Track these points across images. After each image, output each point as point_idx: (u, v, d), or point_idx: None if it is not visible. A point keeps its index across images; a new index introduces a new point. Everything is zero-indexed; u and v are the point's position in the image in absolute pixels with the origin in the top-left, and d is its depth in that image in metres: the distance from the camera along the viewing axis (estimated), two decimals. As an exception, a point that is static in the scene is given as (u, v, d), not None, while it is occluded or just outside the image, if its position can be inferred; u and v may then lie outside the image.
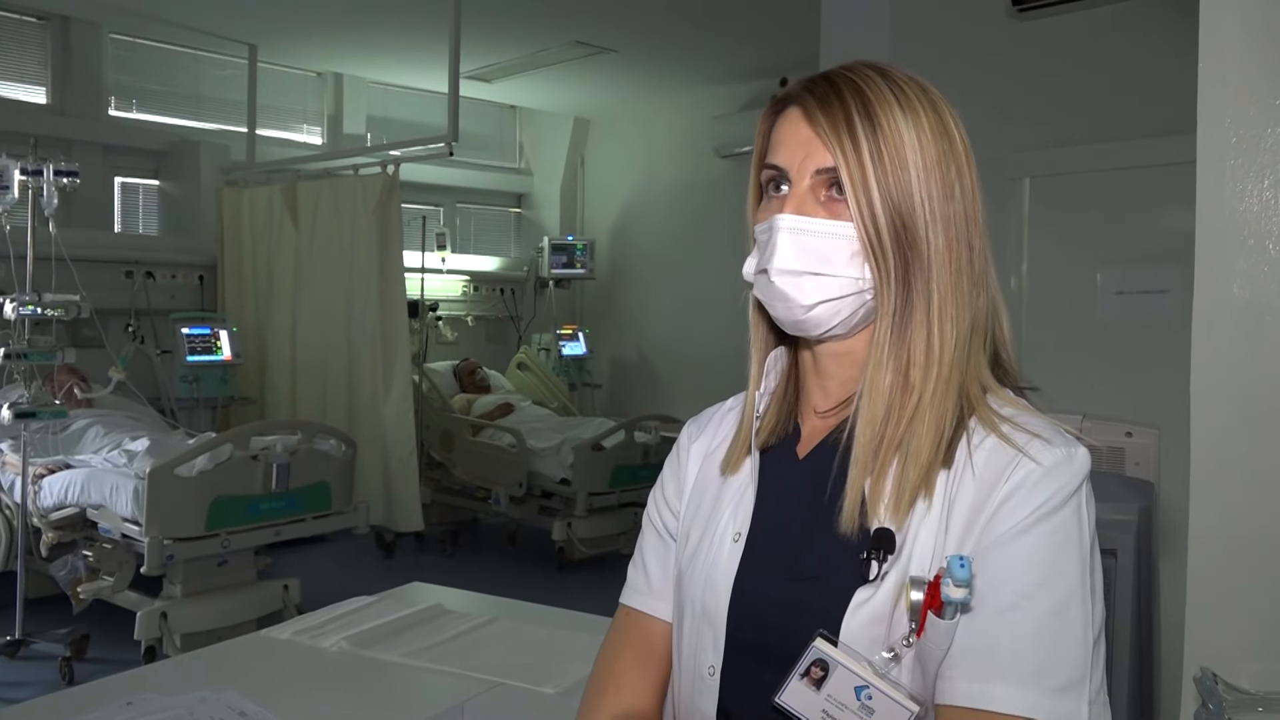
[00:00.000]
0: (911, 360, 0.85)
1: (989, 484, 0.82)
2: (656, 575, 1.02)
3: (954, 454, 0.84)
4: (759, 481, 0.95)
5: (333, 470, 4.09)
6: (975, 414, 0.86)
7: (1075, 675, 0.77)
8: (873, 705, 0.80)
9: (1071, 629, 0.78)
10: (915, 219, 0.85)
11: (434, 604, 1.92)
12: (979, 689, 0.77)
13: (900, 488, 0.84)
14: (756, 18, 5.33)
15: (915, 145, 0.86)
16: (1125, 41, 3.46)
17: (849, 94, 0.87)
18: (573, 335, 7.14)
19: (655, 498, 1.06)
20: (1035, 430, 0.84)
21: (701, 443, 1.04)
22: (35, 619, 3.85)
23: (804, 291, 0.86)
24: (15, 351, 3.69)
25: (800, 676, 0.82)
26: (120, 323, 5.30)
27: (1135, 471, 1.47)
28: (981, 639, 0.78)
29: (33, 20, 5.57)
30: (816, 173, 0.87)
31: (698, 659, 0.93)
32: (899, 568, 0.82)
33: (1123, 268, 3.42)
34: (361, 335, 5.19)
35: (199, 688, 1.47)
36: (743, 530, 0.93)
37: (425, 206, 7.13)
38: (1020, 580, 0.79)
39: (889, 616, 0.82)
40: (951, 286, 0.86)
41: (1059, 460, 0.81)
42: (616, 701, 0.99)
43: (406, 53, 6.12)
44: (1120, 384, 3.33)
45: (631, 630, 1.02)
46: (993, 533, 0.80)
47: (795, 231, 0.86)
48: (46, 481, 3.96)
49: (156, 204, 6.17)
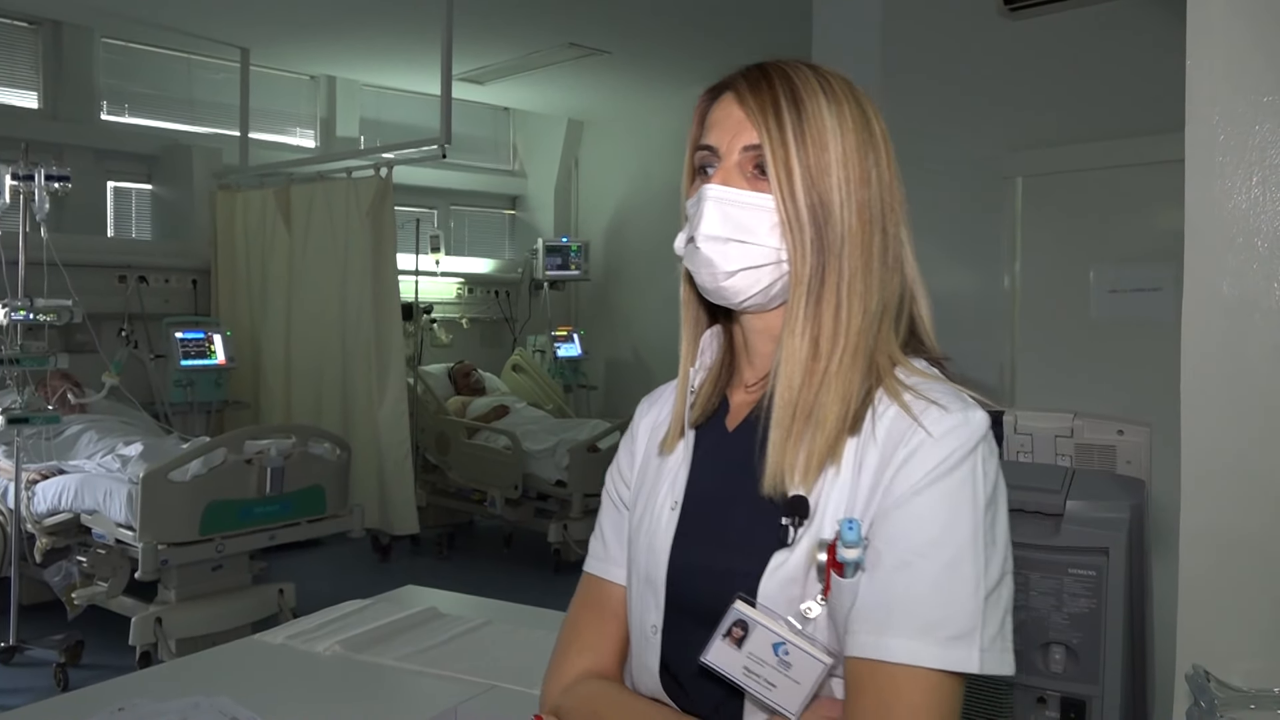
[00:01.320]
0: (821, 331, 0.91)
1: (890, 448, 0.88)
2: (613, 543, 1.09)
3: (861, 422, 0.90)
4: (693, 454, 1.02)
5: (327, 474, 4.08)
6: (882, 385, 0.92)
7: (966, 626, 0.82)
8: (790, 660, 0.86)
9: (963, 583, 0.83)
10: (831, 199, 0.91)
11: (429, 607, 1.92)
12: (877, 641, 0.83)
13: (810, 454, 0.89)
14: (749, 19, 5.33)
15: (836, 132, 0.92)
16: (1116, 40, 3.47)
17: (778, 80, 0.93)
18: (567, 337, 7.14)
19: (612, 471, 1.13)
20: (934, 397, 0.89)
21: (650, 418, 1.11)
22: (29, 625, 3.84)
23: (728, 258, 0.92)
24: (8, 357, 3.68)
25: (723, 637, 0.88)
26: (113, 327, 5.29)
27: (1127, 469, 1.47)
28: (880, 594, 0.84)
29: (24, 24, 5.55)
30: (744, 149, 0.93)
31: (643, 619, 1.00)
32: (812, 531, 0.89)
33: (1116, 266, 3.42)
34: (356, 338, 5.18)
35: (192, 693, 1.46)
36: (679, 500, 1.00)
37: (419, 209, 7.12)
38: (915, 538, 0.84)
39: (803, 578, 0.88)
40: (862, 265, 0.92)
41: (954, 425, 0.87)
42: (579, 661, 1.05)
43: (399, 55, 6.12)
44: (1113, 382, 3.33)
45: (592, 594, 1.09)
46: (892, 494, 0.86)
47: (721, 201, 0.92)
48: (40, 487, 3.95)
49: (149, 208, 6.16)
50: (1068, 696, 1.27)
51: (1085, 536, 1.24)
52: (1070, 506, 1.29)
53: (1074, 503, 1.30)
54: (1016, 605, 1.35)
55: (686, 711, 0.96)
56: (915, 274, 0.97)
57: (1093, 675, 1.26)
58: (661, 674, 0.99)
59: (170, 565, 3.63)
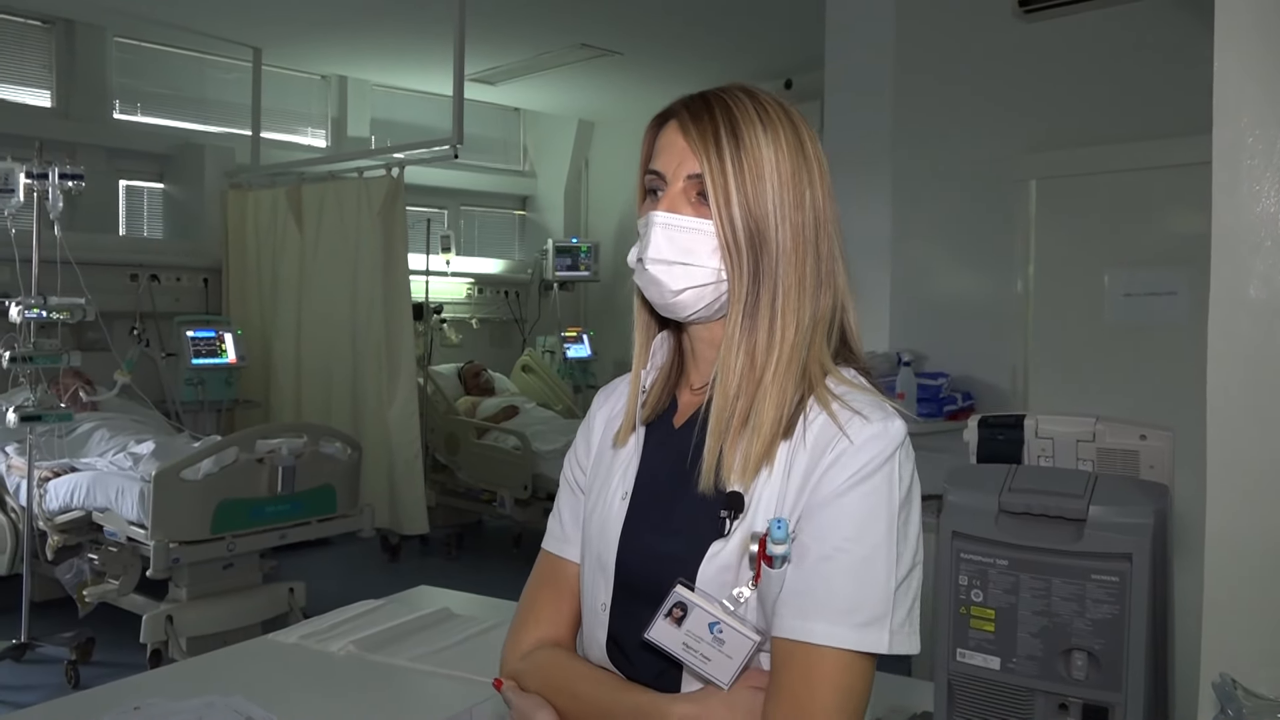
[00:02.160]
0: (757, 344, 0.99)
1: (818, 453, 0.97)
2: (569, 524, 1.18)
3: (794, 427, 0.99)
4: (644, 448, 1.10)
5: (338, 473, 4.08)
6: (814, 392, 1.00)
7: (879, 612, 0.93)
8: (723, 637, 0.96)
9: (876, 575, 0.94)
10: (767, 224, 0.98)
11: (441, 608, 1.92)
12: (800, 624, 0.93)
13: (747, 456, 0.98)
14: (761, 20, 5.32)
15: (773, 160, 0.99)
16: (1132, 42, 3.45)
17: (719, 112, 1.00)
18: (577, 337, 7.14)
19: (570, 457, 1.22)
20: (859, 407, 0.98)
21: (604, 410, 1.20)
22: (41, 622, 3.85)
23: (674, 278, 1.00)
24: (21, 355, 3.69)
25: (664, 616, 0.97)
26: (125, 326, 5.30)
27: (1150, 474, 1.45)
28: (804, 583, 0.94)
29: (37, 24, 5.57)
30: (687, 178, 1.00)
31: (594, 597, 1.10)
32: (745, 525, 0.98)
33: (1130, 270, 3.40)
34: (366, 338, 5.19)
35: (206, 692, 1.46)
36: (629, 490, 1.09)
37: (429, 209, 7.12)
38: (836, 535, 0.94)
39: (737, 565, 0.98)
40: (795, 284, 0.99)
41: (874, 434, 0.96)
42: (535, 631, 1.14)
43: (410, 55, 6.12)
44: (1128, 386, 3.31)
45: (548, 571, 1.18)
46: (818, 494, 0.96)
47: (667, 226, 1.00)
48: (52, 485, 3.96)
49: (161, 207, 6.17)
50: (1090, 703, 1.26)
51: (1109, 542, 1.23)
52: (1093, 512, 1.28)
53: (1097, 508, 1.28)
54: (1039, 611, 1.35)
55: (631, 679, 1.05)
56: (846, 287, 1.04)
57: (1116, 682, 1.25)
58: (609, 646, 1.08)
59: (181, 563, 3.63)
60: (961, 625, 1.16)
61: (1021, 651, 1.26)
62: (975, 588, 1.57)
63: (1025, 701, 1.47)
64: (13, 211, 3.77)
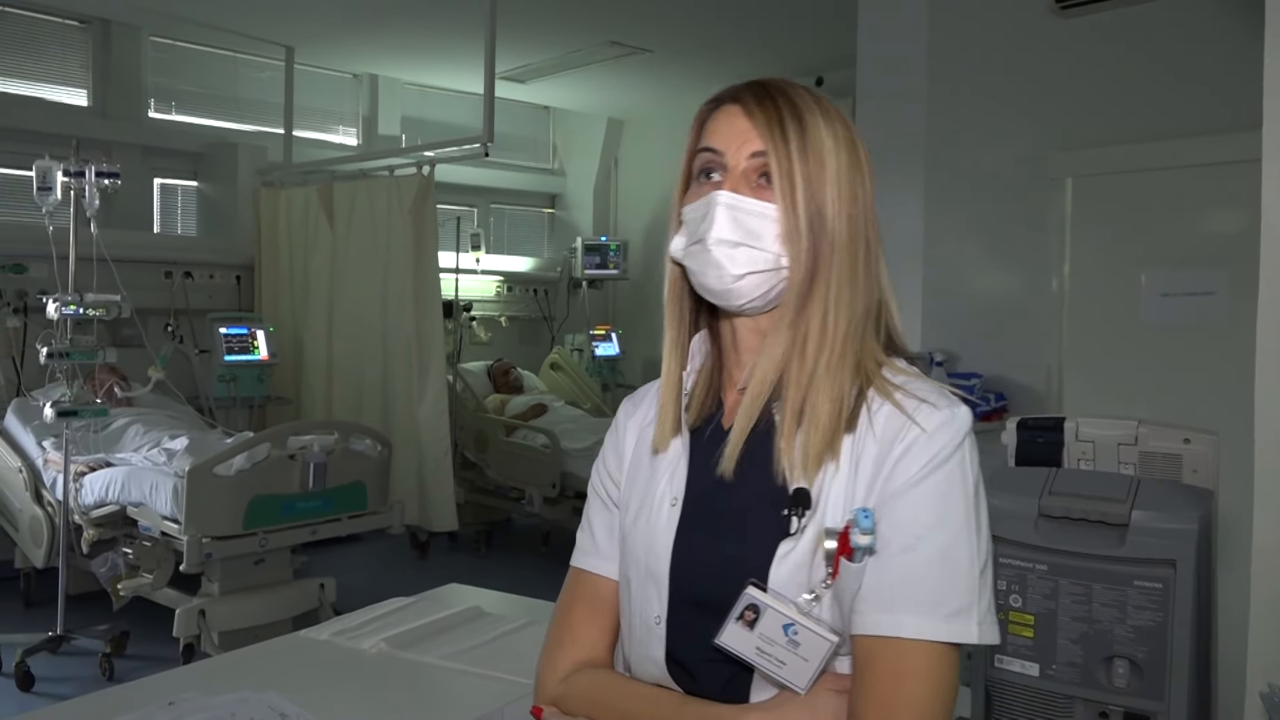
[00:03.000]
0: (808, 335, 0.97)
1: (887, 444, 0.95)
2: (603, 539, 1.13)
3: (856, 420, 0.97)
4: (690, 451, 1.06)
5: (368, 470, 4.10)
6: (873, 385, 0.98)
7: (965, 602, 0.91)
8: (798, 639, 0.93)
9: (959, 563, 0.91)
10: (827, 212, 0.97)
11: (472, 606, 1.92)
12: (887, 618, 0.90)
13: (807, 451, 0.96)
14: (792, 17, 5.29)
15: (833, 150, 0.98)
16: (1170, 39, 3.39)
17: (780, 99, 0.99)
18: (606, 336, 7.13)
19: (599, 469, 1.18)
20: (923, 395, 0.96)
21: (637, 418, 1.16)
22: (76, 615, 3.89)
23: (736, 262, 0.97)
24: (58, 351, 3.73)
25: (736, 620, 0.94)
26: (159, 322, 5.35)
27: (1193, 479, 1.42)
28: (886, 577, 0.91)
29: (74, 24, 5.64)
30: (751, 156, 0.99)
31: (645, 611, 1.05)
32: (815, 521, 0.95)
33: (1168, 269, 3.35)
34: (397, 335, 5.21)
35: (239, 688, 1.47)
36: (679, 496, 1.05)
37: (459, 207, 7.15)
38: (915, 525, 0.92)
39: (809, 563, 0.95)
40: (849, 276, 0.98)
41: (943, 421, 0.94)
42: (573, 652, 1.10)
43: (441, 54, 6.14)
44: (1166, 388, 3.26)
45: (582, 589, 1.13)
46: (891, 486, 0.93)
47: (732, 207, 0.98)
48: (87, 479, 4.01)
49: (195, 205, 6.23)
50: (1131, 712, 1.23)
51: (1152, 548, 1.21)
52: (1135, 516, 1.25)
53: (1139, 513, 1.26)
54: (1079, 617, 1.33)
55: (692, 694, 1.01)
56: (888, 286, 1.04)
57: (1158, 691, 1.22)
58: (667, 661, 1.03)
59: (214, 558, 3.67)
60: (1000, 631, 1.14)
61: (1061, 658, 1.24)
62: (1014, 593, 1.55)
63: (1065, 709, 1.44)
64: (50, 209, 3.82)
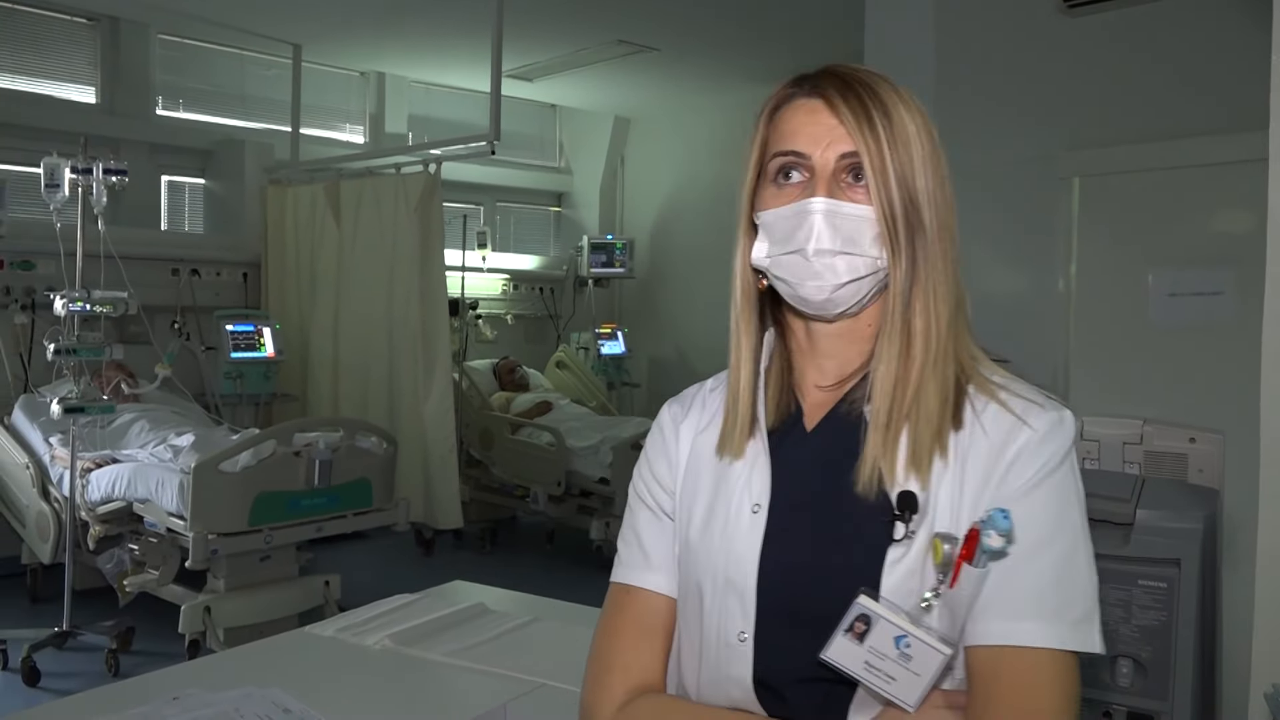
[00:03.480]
0: (914, 332, 0.93)
1: (998, 445, 0.91)
2: (654, 551, 1.06)
3: (961, 417, 0.93)
4: (770, 457, 1.00)
5: (374, 467, 4.11)
6: (972, 381, 0.95)
7: (1088, 607, 0.88)
8: (910, 652, 0.87)
9: (1080, 569, 0.89)
10: (920, 202, 0.93)
11: (476, 603, 1.92)
12: (1010, 627, 0.86)
13: (916, 451, 0.92)
14: (799, 16, 5.28)
15: (917, 136, 0.94)
16: (1178, 38, 3.38)
17: (861, 88, 0.94)
18: (611, 334, 7.13)
19: (644, 477, 1.10)
20: (1029, 395, 0.94)
21: (690, 422, 1.08)
22: (82, 611, 3.91)
23: (837, 271, 0.93)
24: (65, 347, 3.74)
25: (845, 632, 0.88)
26: (166, 319, 5.37)
27: (1199, 479, 1.42)
28: (1007, 584, 0.87)
29: (83, 21, 5.65)
30: (840, 158, 0.93)
31: (723, 627, 0.97)
32: (925, 525, 0.91)
33: (1175, 269, 3.34)
34: (403, 333, 5.21)
35: (244, 684, 1.47)
36: (762, 502, 0.98)
37: (466, 205, 7.15)
38: (1035, 530, 0.88)
39: (920, 570, 0.90)
40: (944, 266, 0.94)
41: (1054, 423, 0.92)
42: (627, 677, 1.02)
43: (448, 52, 6.14)
44: (1173, 388, 3.25)
45: (632, 606, 1.06)
46: (1006, 490, 0.90)
47: (830, 214, 0.93)
48: (94, 475, 4.02)
49: (202, 202, 6.24)
50: (1136, 711, 1.23)
51: (1157, 547, 1.20)
52: (1140, 515, 1.25)
53: (1144, 511, 1.26)
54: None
55: (780, 718, 0.95)
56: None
57: (1162, 690, 1.22)
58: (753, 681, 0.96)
59: (220, 555, 3.67)
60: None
61: (1065, 657, 1.24)
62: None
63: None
64: (58, 206, 3.83)
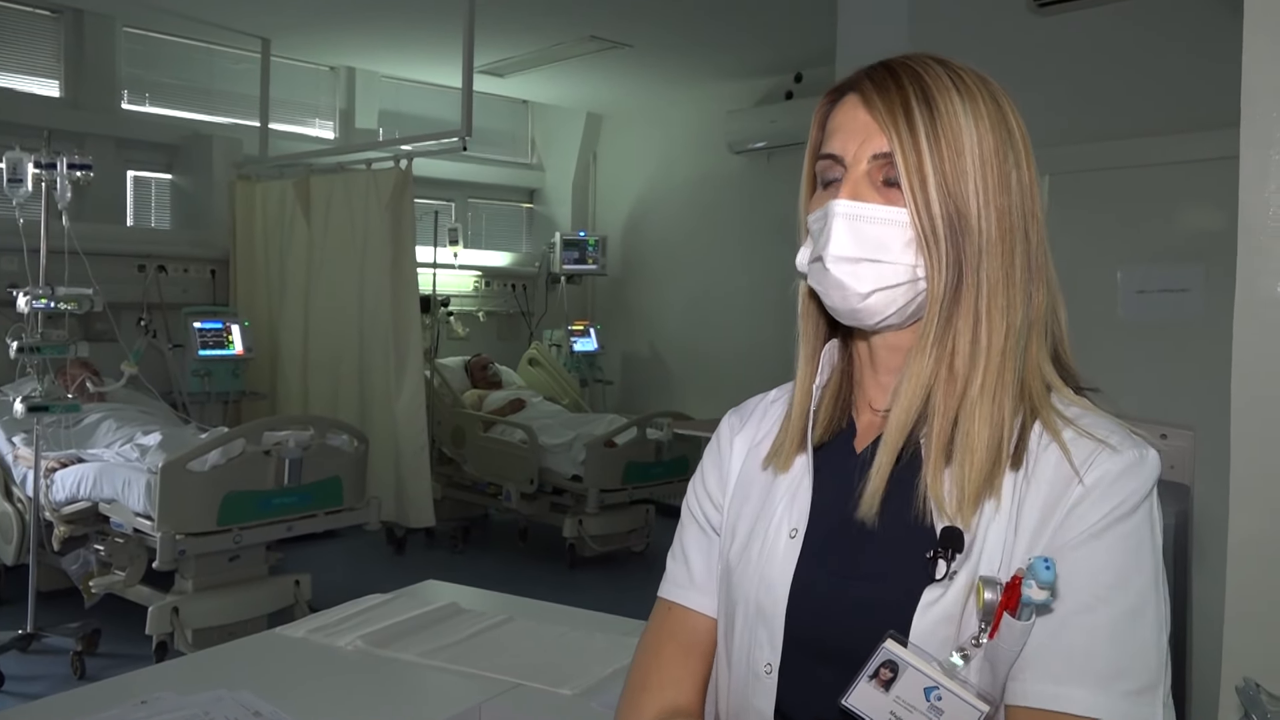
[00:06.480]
0: (956, 350, 0.84)
1: (1061, 487, 0.81)
2: (699, 569, 1.00)
3: (1022, 455, 0.83)
4: (814, 476, 0.93)
5: (345, 465, 4.07)
6: (1039, 414, 0.85)
7: (1150, 679, 0.77)
8: (942, 706, 0.79)
9: (1146, 632, 0.78)
10: (969, 208, 0.83)
11: (449, 603, 1.90)
12: (1054, 690, 0.77)
13: (962, 487, 0.82)
14: (772, 13, 5.29)
15: (973, 134, 0.84)
16: (1149, 36, 3.42)
17: (907, 80, 0.85)
18: (584, 331, 7.12)
19: (696, 489, 1.04)
20: (1105, 433, 0.83)
21: (745, 435, 1.02)
22: (46, 613, 3.84)
23: (860, 279, 0.85)
24: (28, 345, 3.68)
25: (869, 678, 0.80)
26: (132, 316, 5.29)
27: (1170, 475, 1.43)
28: (1056, 640, 0.78)
29: (46, 13, 5.56)
30: (872, 158, 0.86)
31: (751, 656, 0.91)
32: (968, 567, 0.81)
33: (1144, 266, 3.38)
34: (374, 330, 5.17)
35: (214, 687, 1.45)
36: (799, 526, 0.91)
37: (437, 201, 7.11)
38: (1095, 583, 0.78)
39: (959, 616, 0.81)
40: (1003, 278, 0.84)
41: (1131, 463, 0.81)
42: (659, 698, 0.96)
43: (419, 47, 6.10)
44: (1142, 384, 3.28)
45: (673, 624, 1.00)
46: (1066, 535, 0.80)
47: (851, 218, 0.85)
48: (59, 475, 3.95)
49: (169, 198, 6.16)
50: (1108, 706, 1.25)
51: (1129, 543, 1.22)
52: (1112, 512, 1.27)
53: (1116, 508, 1.27)
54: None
55: None
56: (1057, 288, 0.90)
57: (1135, 685, 1.23)
58: (775, 717, 0.91)
59: (188, 555, 3.63)
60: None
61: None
62: (989, 587, 1.56)
63: None
64: (21, 201, 3.76)
